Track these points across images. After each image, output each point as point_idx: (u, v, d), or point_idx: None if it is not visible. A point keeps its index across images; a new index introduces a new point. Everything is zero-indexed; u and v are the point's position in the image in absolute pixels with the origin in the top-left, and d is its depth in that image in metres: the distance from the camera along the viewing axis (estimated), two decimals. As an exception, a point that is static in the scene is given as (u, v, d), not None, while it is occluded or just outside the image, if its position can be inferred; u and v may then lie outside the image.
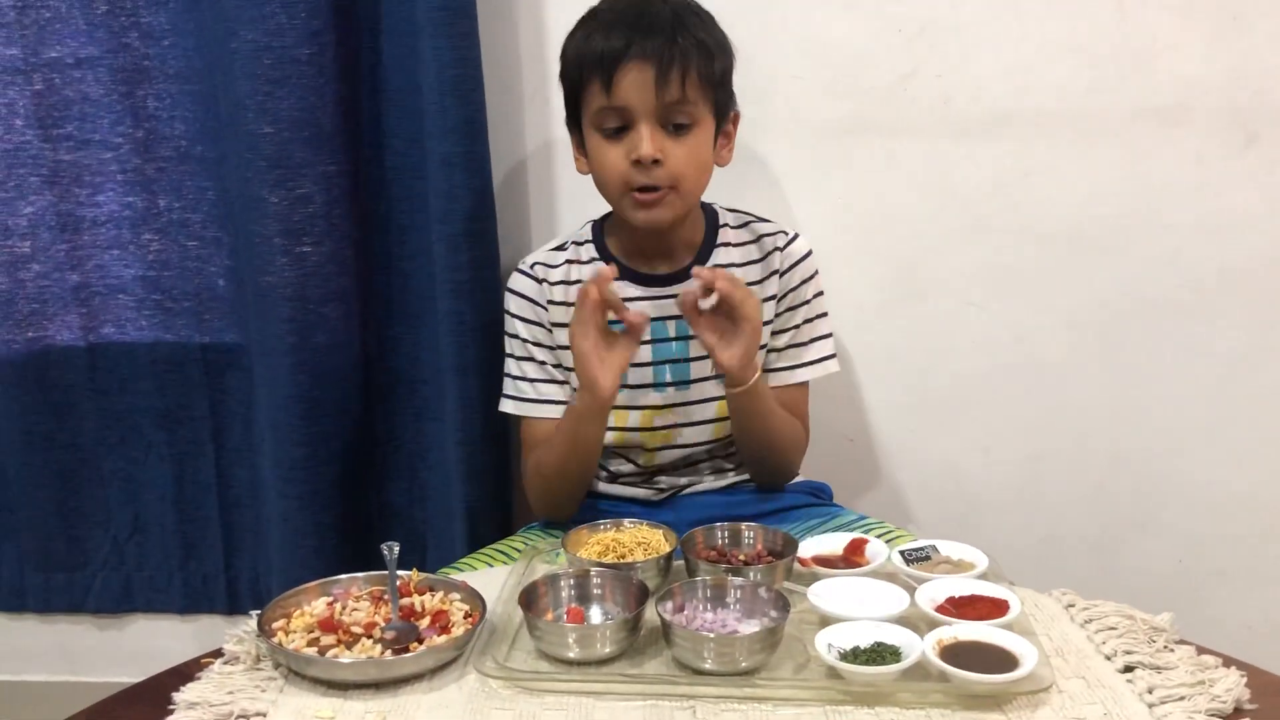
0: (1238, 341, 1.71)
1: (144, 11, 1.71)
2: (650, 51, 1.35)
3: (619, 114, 1.38)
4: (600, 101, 1.39)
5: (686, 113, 1.38)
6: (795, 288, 1.51)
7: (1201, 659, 1.08)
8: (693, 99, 1.37)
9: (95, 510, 1.89)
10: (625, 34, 1.35)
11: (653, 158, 1.37)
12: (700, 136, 1.40)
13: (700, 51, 1.37)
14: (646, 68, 1.35)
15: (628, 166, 1.39)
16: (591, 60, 1.38)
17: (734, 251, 1.52)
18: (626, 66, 1.35)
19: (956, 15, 1.66)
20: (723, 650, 1.05)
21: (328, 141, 1.63)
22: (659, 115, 1.37)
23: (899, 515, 1.83)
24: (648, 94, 1.36)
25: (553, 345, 1.52)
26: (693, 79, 1.36)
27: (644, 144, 1.37)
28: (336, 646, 1.09)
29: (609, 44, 1.36)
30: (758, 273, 1.51)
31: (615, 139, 1.40)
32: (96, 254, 1.80)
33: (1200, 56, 1.62)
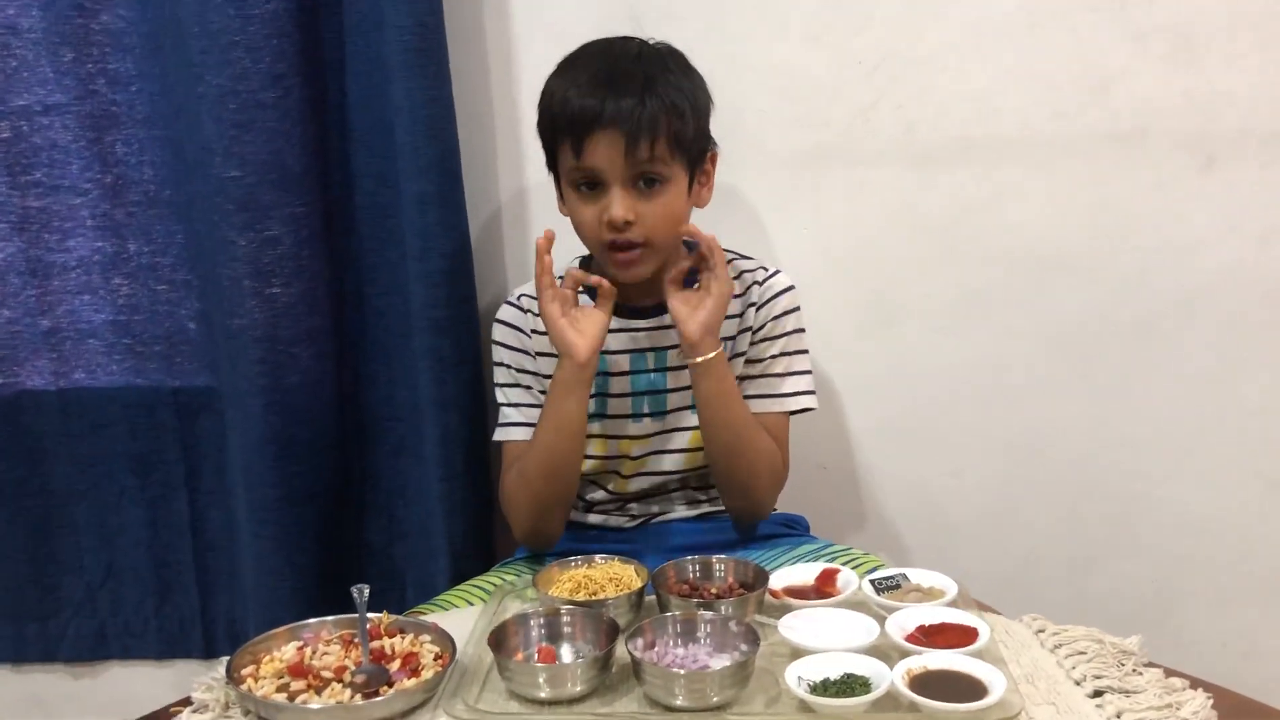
0: (1207, 361, 1.72)
1: (111, 58, 1.71)
2: (620, 118, 1.35)
3: (590, 174, 1.40)
4: (572, 162, 1.40)
5: (658, 171, 1.39)
6: (773, 319, 1.51)
7: (1170, 681, 1.08)
8: (664, 158, 1.38)
9: (68, 557, 1.88)
10: (597, 97, 1.36)
11: (624, 219, 1.38)
12: (672, 191, 1.41)
13: (671, 113, 1.37)
14: (616, 135, 1.35)
15: (600, 225, 1.40)
16: (563, 123, 1.39)
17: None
18: (596, 133, 1.36)
19: (915, 48, 1.68)
20: (693, 686, 1.05)
21: (295, 183, 1.63)
22: (629, 177, 1.38)
23: (873, 542, 1.84)
24: (617, 159, 1.37)
25: (536, 372, 1.53)
26: (662, 143, 1.37)
27: (614, 207, 1.38)
28: (306, 692, 1.09)
29: (580, 107, 1.36)
30: (737, 306, 1.51)
31: (589, 197, 1.41)
32: (67, 299, 1.79)
33: (1156, 82, 1.64)
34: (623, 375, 1.51)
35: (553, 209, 1.52)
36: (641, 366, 1.51)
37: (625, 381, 1.51)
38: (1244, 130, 1.65)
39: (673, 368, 1.50)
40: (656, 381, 1.51)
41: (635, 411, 1.52)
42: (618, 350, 1.51)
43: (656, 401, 1.52)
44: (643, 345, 1.51)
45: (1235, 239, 1.68)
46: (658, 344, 1.51)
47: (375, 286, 1.76)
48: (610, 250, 1.42)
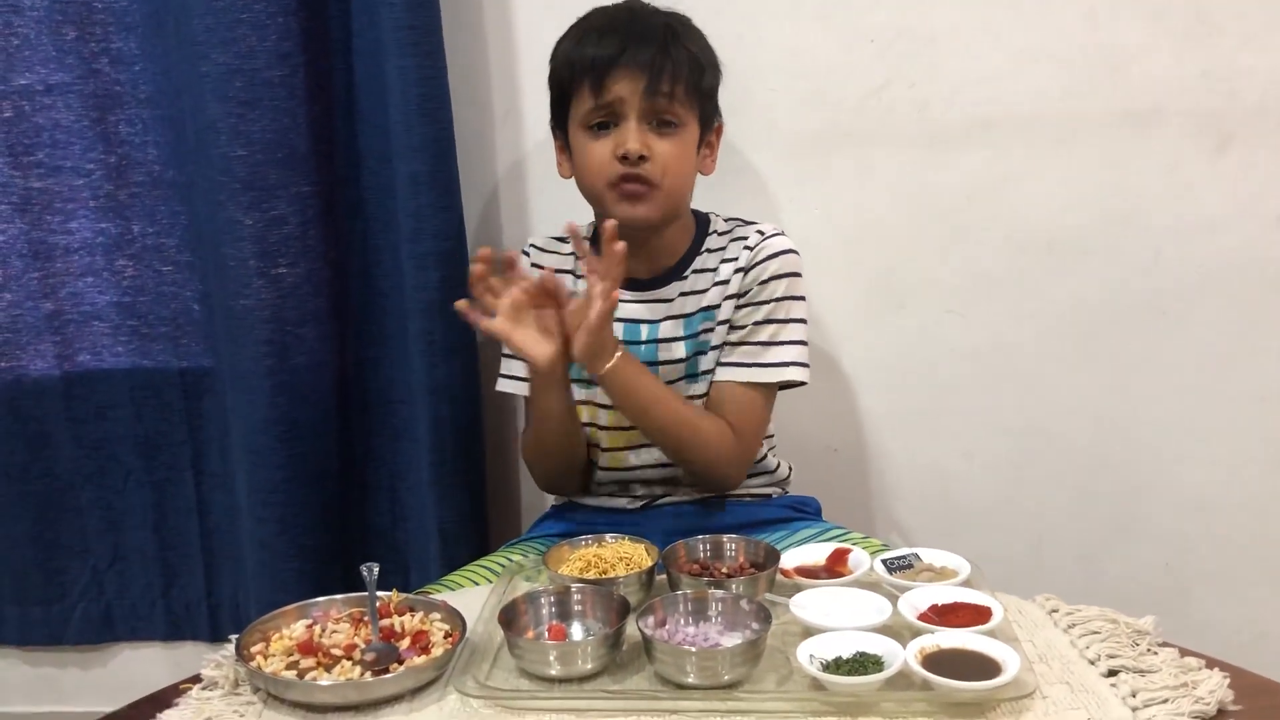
0: (1218, 343, 1.71)
1: (114, 37, 1.71)
2: (642, 59, 1.37)
3: (607, 112, 1.40)
4: (590, 103, 1.40)
5: (674, 112, 1.40)
6: (759, 283, 1.46)
7: (1185, 661, 1.08)
8: (681, 101, 1.40)
9: (74, 540, 1.88)
10: (619, 41, 1.38)
11: (639, 153, 1.38)
12: (685, 137, 1.43)
13: (690, 63, 1.41)
14: (638, 74, 1.37)
15: (612, 161, 1.40)
16: (583, 64, 1.40)
17: (712, 257, 1.51)
18: (618, 71, 1.38)
19: (928, 25, 1.66)
20: (704, 664, 1.04)
21: (301, 163, 1.63)
22: (646, 114, 1.40)
23: (883, 524, 1.83)
24: (637, 95, 1.38)
25: None
26: (681, 88, 1.40)
27: (630, 138, 1.38)
28: (316, 669, 1.08)
29: (601, 50, 1.39)
30: (728, 271, 1.48)
31: (601, 135, 1.42)
32: (70, 281, 1.79)
33: (1172, 60, 1.63)
34: None
35: (550, 192, 1.51)
36: (635, 337, 1.49)
37: None
38: (1260, 111, 1.63)
39: (664, 339, 1.49)
40: (648, 353, 1.49)
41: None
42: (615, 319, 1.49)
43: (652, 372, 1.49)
44: (639, 316, 1.50)
45: (1249, 221, 1.67)
46: (654, 316, 1.50)
47: (378, 268, 1.76)
48: (620, 184, 1.41)
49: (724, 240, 1.52)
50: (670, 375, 1.50)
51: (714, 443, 1.45)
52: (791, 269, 1.47)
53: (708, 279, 1.49)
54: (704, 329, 1.48)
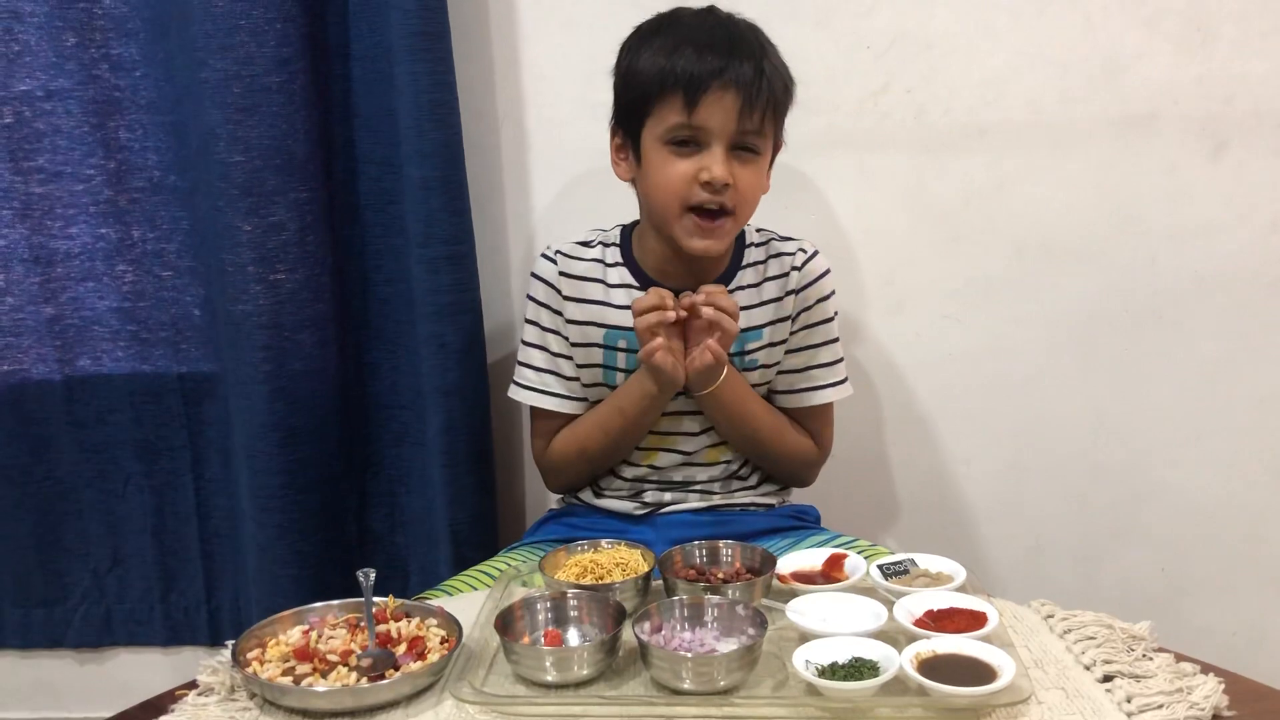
0: (1215, 348, 1.71)
1: (114, 43, 1.71)
2: (741, 79, 1.34)
3: (694, 132, 1.37)
4: (678, 119, 1.36)
5: (758, 140, 1.39)
6: (811, 306, 1.50)
7: (1180, 666, 1.08)
8: (766, 130, 1.39)
9: (74, 543, 1.88)
10: (719, 57, 1.34)
11: (725, 181, 1.36)
12: (760, 164, 1.42)
13: (781, 83, 1.39)
14: (735, 94, 1.34)
15: (693, 184, 1.37)
16: (677, 77, 1.35)
17: (751, 272, 1.51)
18: (716, 90, 1.34)
19: (926, 30, 1.67)
20: (700, 670, 1.04)
21: (300, 168, 1.63)
22: (733, 140, 1.37)
23: (881, 529, 1.83)
24: (730, 120, 1.35)
25: (562, 334, 1.52)
26: (771, 111, 1.38)
27: (717, 166, 1.36)
28: (312, 675, 1.08)
29: (701, 65, 1.34)
30: (775, 290, 1.50)
31: (684, 154, 1.38)
32: (71, 286, 1.79)
33: (1168, 66, 1.63)
34: None
35: (552, 196, 1.51)
36: None
37: None
38: (1255, 116, 1.64)
39: None
40: None
41: None
42: None
43: None
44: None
45: (1245, 225, 1.67)
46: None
47: (380, 273, 1.76)
48: (695, 214, 1.39)
49: (762, 254, 1.52)
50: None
51: (799, 455, 1.54)
52: (833, 289, 1.53)
53: (753, 294, 1.49)
54: (753, 347, 1.49)
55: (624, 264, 1.51)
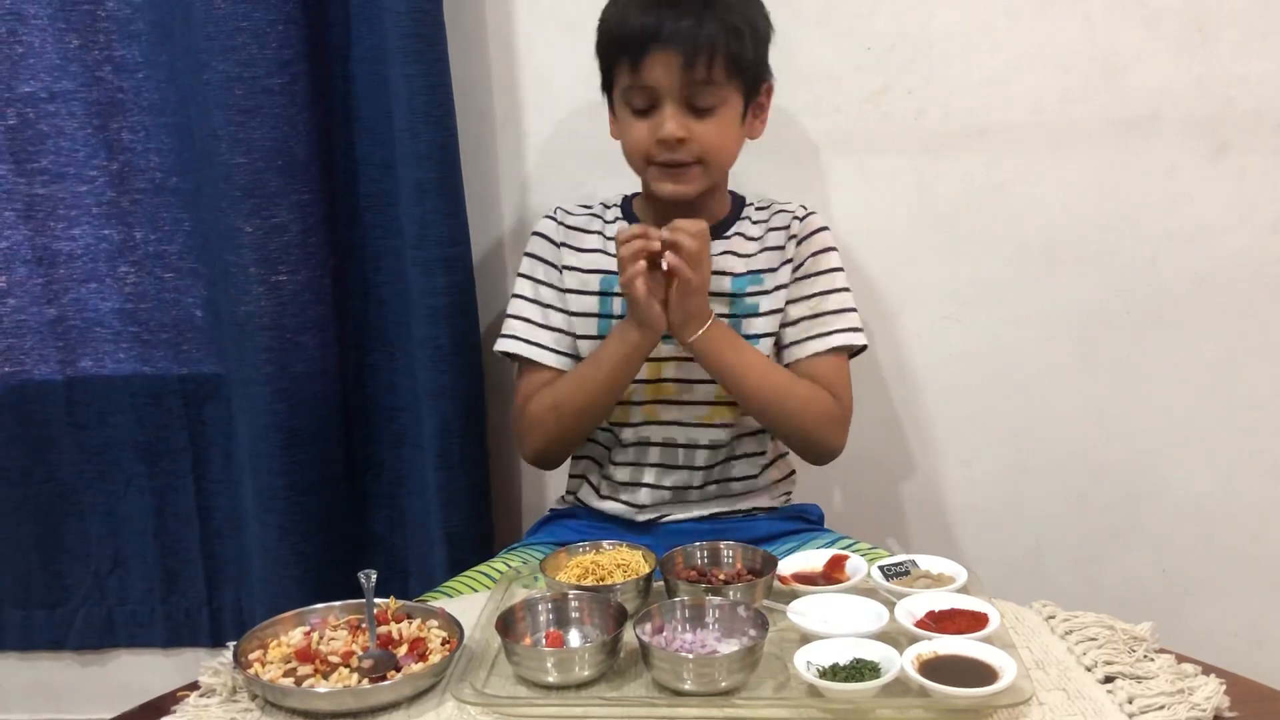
0: (1216, 349, 1.71)
1: (117, 45, 1.71)
2: (678, 35, 1.35)
3: (645, 93, 1.39)
4: (627, 80, 1.40)
5: (712, 94, 1.39)
6: (811, 255, 1.50)
7: (1181, 667, 1.08)
8: (719, 81, 1.38)
9: (76, 545, 1.88)
10: (655, 15, 1.36)
11: (676, 137, 1.38)
12: (726, 116, 1.41)
13: (729, 34, 1.37)
14: (673, 52, 1.35)
15: (651, 143, 1.40)
16: (620, 40, 1.39)
17: (754, 227, 1.52)
18: (653, 50, 1.36)
19: (926, 32, 1.67)
20: (701, 671, 1.04)
21: (302, 170, 1.63)
22: (684, 97, 1.38)
23: (881, 529, 1.83)
24: (673, 77, 1.37)
25: (562, 288, 1.53)
26: (719, 63, 1.37)
27: (667, 124, 1.38)
28: (313, 676, 1.08)
29: (638, 25, 1.37)
30: (777, 239, 1.51)
31: (641, 115, 1.41)
32: (73, 287, 1.79)
33: (1168, 67, 1.63)
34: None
35: (551, 198, 1.51)
36: None
37: None
38: (1256, 117, 1.64)
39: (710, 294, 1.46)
40: None
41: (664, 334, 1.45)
42: None
43: None
44: None
45: (1246, 227, 1.67)
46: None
47: (379, 275, 1.77)
48: (659, 167, 1.42)
49: (765, 214, 1.54)
50: None
51: (814, 406, 1.45)
52: (833, 245, 1.52)
53: (754, 245, 1.51)
54: (753, 290, 1.48)
55: (623, 218, 1.54)
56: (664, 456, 1.52)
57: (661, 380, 1.49)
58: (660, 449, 1.52)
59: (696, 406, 1.50)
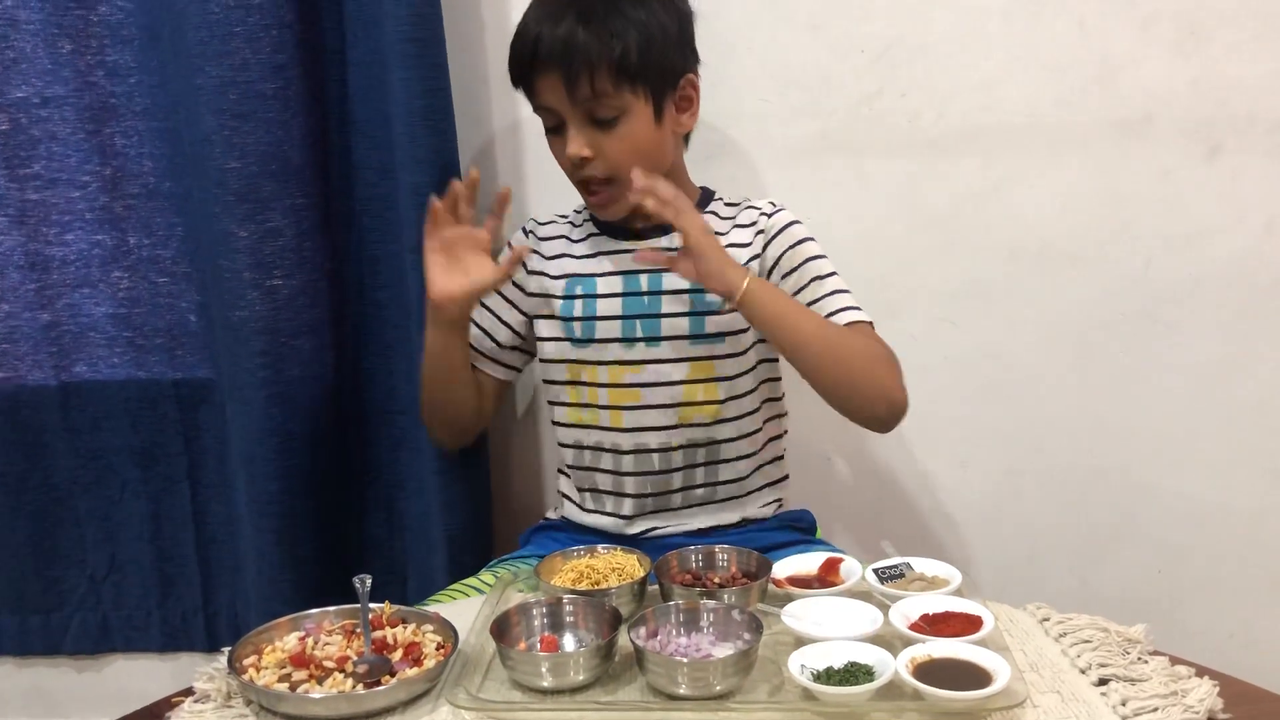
0: (1211, 351, 1.71)
1: (109, 50, 1.71)
2: (555, 53, 1.33)
3: (549, 114, 1.40)
4: (532, 102, 1.41)
5: (607, 106, 1.37)
6: (787, 250, 1.46)
7: (1175, 669, 1.08)
8: (609, 92, 1.35)
9: (71, 550, 1.88)
10: (534, 32, 1.35)
11: (580, 156, 1.38)
12: (632, 124, 1.38)
13: (605, 44, 1.32)
14: (555, 72, 1.34)
15: (569, 166, 1.41)
16: (513, 62, 1.40)
17: (721, 223, 1.50)
18: (538, 70, 1.36)
19: (920, 35, 1.67)
20: (696, 675, 1.04)
21: (296, 174, 1.63)
22: (582, 114, 1.37)
23: (876, 532, 1.83)
24: (560, 97, 1.36)
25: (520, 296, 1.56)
26: (603, 75, 1.34)
27: (571, 144, 1.38)
28: (308, 682, 1.08)
29: (521, 45, 1.38)
30: (745, 235, 1.48)
31: (557, 135, 1.42)
32: (66, 292, 1.79)
33: (1162, 69, 1.63)
34: (614, 297, 1.47)
35: (551, 204, 1.52)
36: (635, 289, 1.47)
37: (617, 304, 1.47)
38: (1250, 119, 1.64)
39: (668, 291, 1.45)
40: (650, 305, 1.46)
41: (627, 335, 1.46)
42: (612, 271, 1.49)
43: (649, 325, 1.46)
44: (640, 266, 1.47)
45: (1241, 228, 1.67)
46: (653, 264, 1.45)
47: (376, 279, 1.76)
48: (583, 188, 1.43)
49: (733, 211, 1.51)
50: (674, 330, 1.45)
51: (872, 351, 1.39)
52: (806, 236, 1.48)
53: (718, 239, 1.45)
54: None
55: (591, 221, 1.54)
56: (639, 464, 1.49)
57: (621, 385, 1.47)
58: (633, 457, 1.49)
59: (664, 410, 1.47)
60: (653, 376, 1.46)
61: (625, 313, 1.47)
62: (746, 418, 1.50)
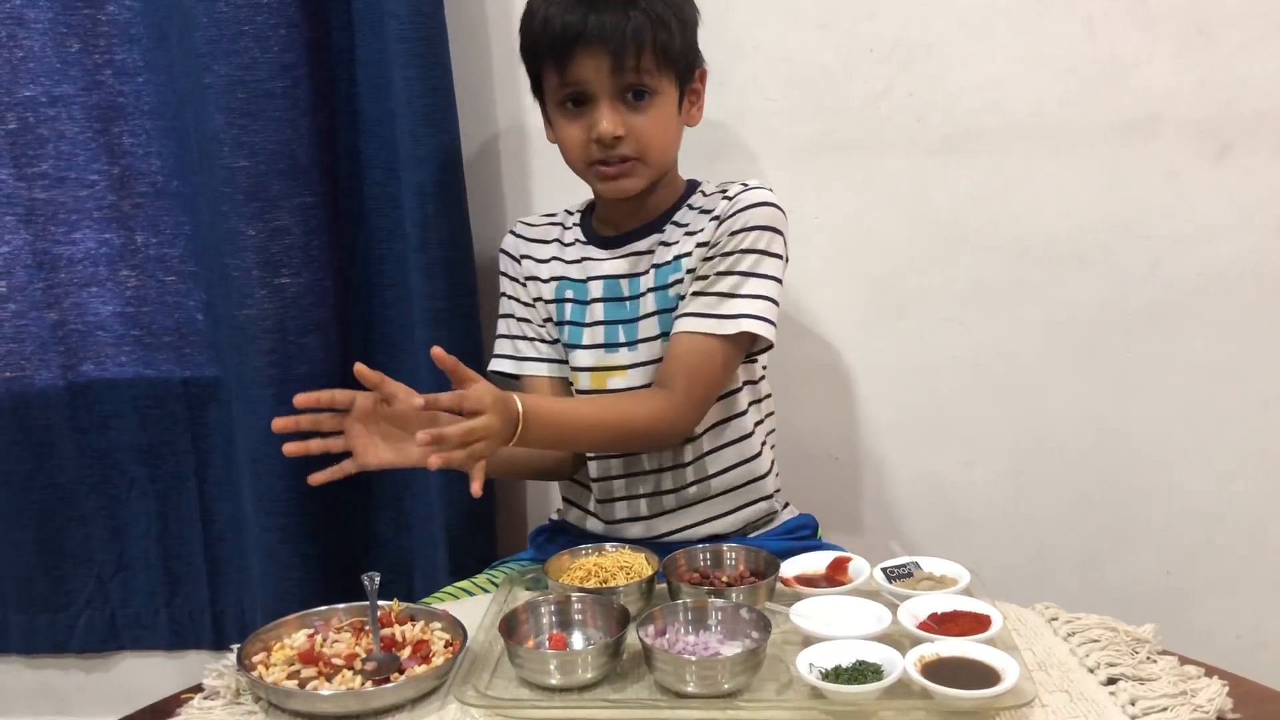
0: (1218, 351, 1.71)
1: (117, 49, 1.71)
2: (603, 32, 1.33)
3: (577, 93, 1.38)
4: (556, 81, 1.38)
5: (645, 84, 1.37)
6: (730, 234, 1.40)
7: (1184, 669, 1.08)
8: (651, 71, 1.36)
9: (79, 549, 1.88)
10: (579, 13, 1.34)
11: (613, 135, 1.37)
12: (662, 105, 1.39)
13: (655, 25, 1.35)
14: (601, 50, 1.34)
15: (588, 142, 1.39)
16: (546, 43, 1.36)
17: (691, 213, 1.48)
18: (580, 50, 1.34)
19: (927, 34, 1.67)
20: (704, 673, 1.04)
21: (304, 173, 1.63)
22: (617, 93, 1.37)
23: (884, 532, 1.83)
24: (603, 75, 1.35)
25: (528, 300, 1.54)
26: (649, 56, 1.35)
27: (603, 122, 1.36)
28: (317, 679, 1.09)
29: (562, 26, 1.34)
30: (701, 221, 1.44)
31: (575, 115, 1.40)
32: (74, 291, 1.79)
33: (1169, 69, 1.63)
34: (598, 303, 1.48)
35: (555, 202, 1.52)
36: (617, 294, 1.48)
37: (599, 309, 1.48)
38: (1258, 119, 1.64)
39: (644, 292, 1.46)
40: (631, 310, 1.47)
41: (609, 341, 1.47)
42: (596, 276, 1.49)
43: (630, 330, 1.47)
44: (620, 272, 1.48)
45: (1248, 229, 1.67)
46: (635, 270, 1.47)
47: (382, 278, 1.76)
48: (598, 166, 1.41)
49: (707, 200, 1.48)
50: (649, 331, 1.45)
51: (648, 421, 1.37)
52: (767, 222, 1.40)
53: (681, 231, 1.46)
54: (674, 279, 1.44)
55: (580, 225, 1.54)
56: (629, 467, 1.49)
57: (607, 392, 1.48)
58: (622, 461, 1.49)
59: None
60: (636, 380, 1.47)
61: (608, 318, 1.48)
62: (735, 419, 1.49)
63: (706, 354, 1.38)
